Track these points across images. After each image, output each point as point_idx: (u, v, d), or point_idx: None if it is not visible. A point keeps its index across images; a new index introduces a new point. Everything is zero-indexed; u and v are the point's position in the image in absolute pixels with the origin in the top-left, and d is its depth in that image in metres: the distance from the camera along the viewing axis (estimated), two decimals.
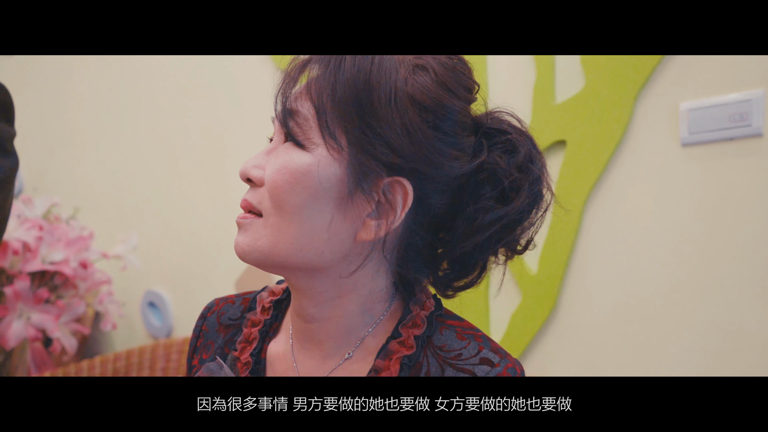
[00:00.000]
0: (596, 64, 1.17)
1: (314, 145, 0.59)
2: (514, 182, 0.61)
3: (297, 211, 0.59)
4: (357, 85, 0.58)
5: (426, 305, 0.65)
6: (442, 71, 0.60)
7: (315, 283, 0.63)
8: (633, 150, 1.16)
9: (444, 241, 0.65)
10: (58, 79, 2.67)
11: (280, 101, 0.62)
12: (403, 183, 0.59)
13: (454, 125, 0.60)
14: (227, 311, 0.75)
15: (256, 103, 1.91)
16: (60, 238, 1.77)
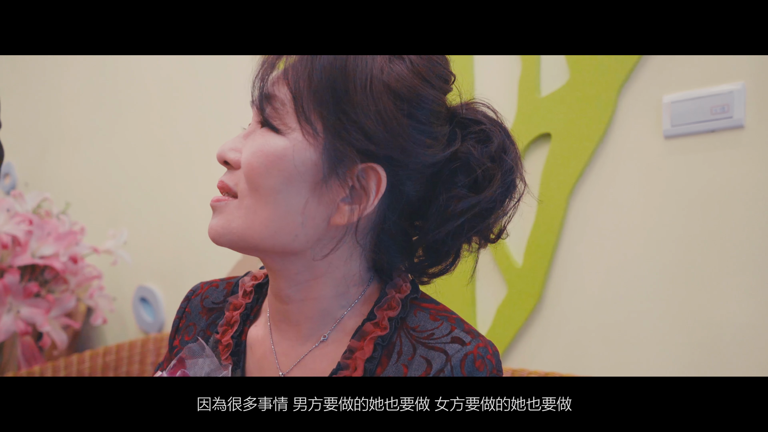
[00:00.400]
0: (580, 58, 1.18)
1: (290, 130, 0.59)
2: (487, 172, 0.62)
3: (272, 193, 0.59)
4: (333, 72, 0.58)
5: (402, 289, 0.66)
6: (418, 61, 0.61)
7: (289, 265, 0.63)
8: (617, 142, 1.16)
9: (418, 228, 0.66)
10: (51, 76, 2.68)
11: (257, 86, 0.62)
12: (377, 169, 0.60)
13: (428, 114, 0.61)
14: (211, 295, 0.76)
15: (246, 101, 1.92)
16: (50, 232, 1.77)
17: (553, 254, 1.23)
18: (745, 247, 1.04)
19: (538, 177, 1.23)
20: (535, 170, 1.23)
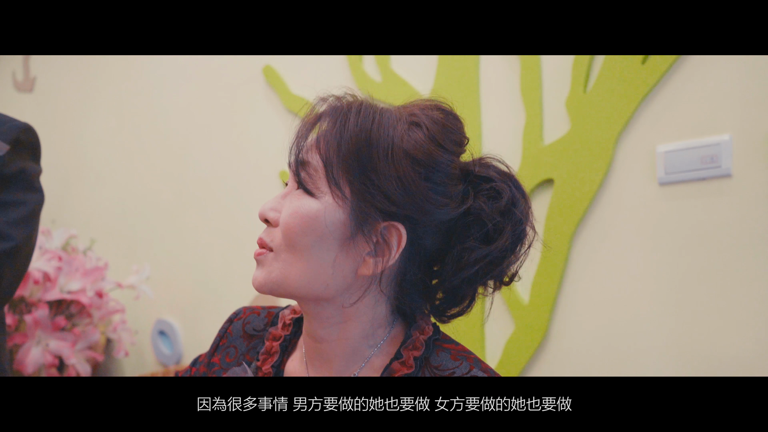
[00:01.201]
0: (580, 109, 1.28)
1: (322, 193, 0.67)
2: (497, 225, 0.68)
3: (306, 249, 0.67)
4: (359, 142, 0.66)
5: (425, 330, 0.73)
6: (434, 128, 0.68)
7: (322, 310, 0.71)
8: (615, 188, 1.25)
9: (437, 274, 0.73)
10: (76, 117, 2.80)
11: (293, 153, 0.70)
12: (398, 227, 0.67)
13: (443, 176, 0.68)
14: (252, 321, 0.82)
15: (261, 143, 2.02)
16: (78, 268, 1.86)
17: (558, 292, 1.31)
18: (734, 283, 1.12)
19: (543, 220, 1.31)
20: (539, 213, 1.31)
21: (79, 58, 3.05)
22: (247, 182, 2.06)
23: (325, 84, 1.83)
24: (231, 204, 2.12)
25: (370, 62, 1.71)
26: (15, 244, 1.08)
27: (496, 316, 1.39)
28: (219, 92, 2.20)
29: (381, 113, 0.68)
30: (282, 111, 1.96)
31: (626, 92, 1.22)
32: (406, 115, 0.69)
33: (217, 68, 2.21)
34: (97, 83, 2.89)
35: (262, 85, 2.03)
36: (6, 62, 3.76)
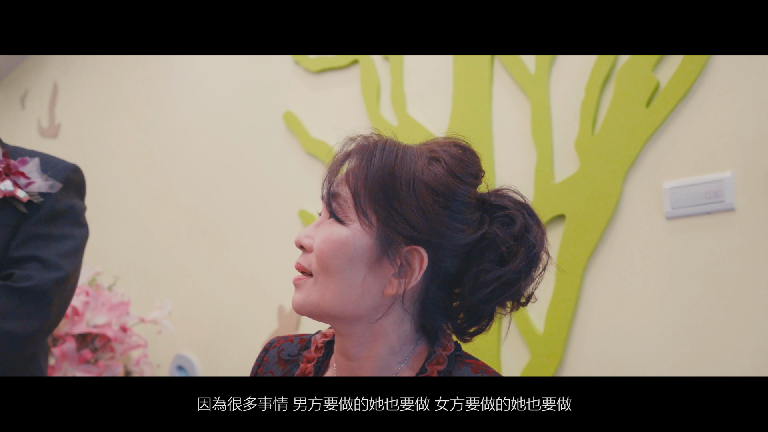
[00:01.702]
0: (589, 149, 1.36)
1: (351, 221, 0.75)
2: (511, 248, 0.75)
3: (338, 271, 0.74)
4: (383, 175, 0.74)
5: (447, 347, 0.79)
6: (452, 162, 0.76)
7: (354, 329, 0.77)
8: (624, 222, 1.33)
9: (458, 295, 0.80)
10: (99, 160, 2.91)
11: (326, 186, 0.78)
12: (420, 250, 0.74)
13: (461, 205, 0.75)
14: (286, 348, 0.89)
15: (281, 184, 2.11)
16: (104, 303, 1.93)
17: (572, 322, 1.36)
18: (739, 313, 1.18)
19: (555, 253, 1.38)
20: (551, 247, 1.38)
21: (101, 105, 3.18)
22: (267, 222, 2.15)
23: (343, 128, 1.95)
24: (250, 243, 2.20)
25: (386, 107, 1.81)
26: (65, 275, 1.15)
27: (511, 346, 1.44)
28: (240, 136, 2.30)
29: (403, 150, 0.77)
30: (301, 154, 2.05)
31: (632, 133, 1.31)
32: (427, 151, 0.77)
33: (239, 113, 2.32)
34: (119, 128, 3.01)
35: (282, 130, 2.13)
36: (32, 110, 3.91)
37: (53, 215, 1.19)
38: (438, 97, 1.68)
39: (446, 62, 1.67)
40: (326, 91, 2.01)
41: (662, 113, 1.27)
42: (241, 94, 2.33)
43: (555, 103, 1.45)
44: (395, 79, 1.77)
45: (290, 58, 2.13)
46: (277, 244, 2.09)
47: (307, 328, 1.93)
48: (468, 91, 1.60)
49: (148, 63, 2.86)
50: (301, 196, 2.03)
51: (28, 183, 1.18)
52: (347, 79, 1.94)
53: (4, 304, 1.09)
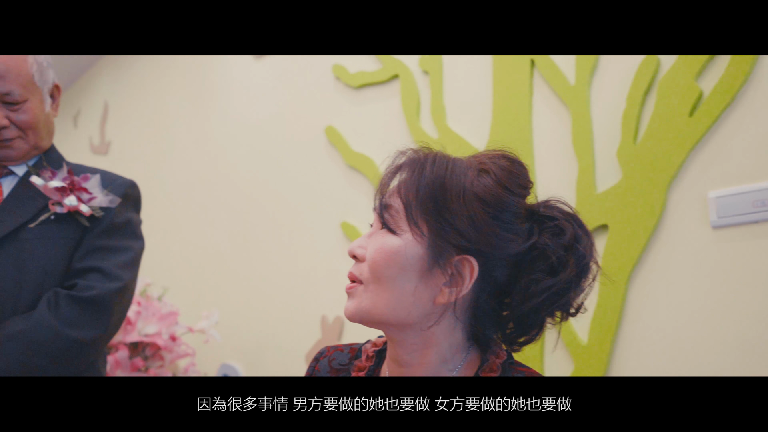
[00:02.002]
0: (631, 159, 1.36)
1: (403, 232, 0.77)
2: (561, 258, 0.76)
3: (390, 280, 0.76)
4: (435, 187, 0.76)
5: (500, 355, 0.81)
6: (501, 174, 0.78)
7: (406, 336, 0.79)
8: (669, 232, 1.32)
9: (508, 305, 0.81)
10: (147, 176, 3.02)
11: (378, 198, 0.81)
12: (470, 260, 0.76)
13: (510, 216, 0.77)
14: (337, 357, 0.91)
15: (323, 197, 2.16)
16: (154, 313, 2.00)
17: (616, 333, 1.36)
18: None
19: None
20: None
21: (149, 122, 3.31)
22: (310, 234, 2.19)
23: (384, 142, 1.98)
24: (294, 255, 2.25)
25: (426, 120, 1.84)
26: (123, 284, 1.21)
27: (555, 356, 1.44)
28: (283, 150, 2.37)
29: (454, 162, 0.79)
30: (343, 167, 2.10)
31: (675, 143, 1.31)
32: (476, 163, 0.79)
33: (282, 128, 2.39)
34: (167, 144, 3.12)
35: (324, 144, 2.18)
36: (84, 129, 4.08)
37: (112, 228, 1.26)
38: (478, 110, 1.70)
39: (485, 74, 1.70)
40: (367, 105, 2.05)
41: (706, 122, 1.27)
42: (283, 110, 2.39)
43: (596, 113, 1.46)
44: (435, 92, 1.80)
45: (331, 74, 2.18)
46: (320, 255, 2.13)
47: (351, 338, 1.97)
48: (507, 102, 1.62)
49: (193, 81, 2.96)
50: (343, 209, 2.08)
51: (90, 198, 1.25)
52: (387, 93, 1.98)
53: (69, 312, 1.16)
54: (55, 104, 1.32)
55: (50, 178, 1.24)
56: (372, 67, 2.04)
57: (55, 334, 1.13)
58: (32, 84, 1.22)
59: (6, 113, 1.20)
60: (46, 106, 1.28)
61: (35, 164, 1.29)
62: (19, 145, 1.24)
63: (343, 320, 2.00)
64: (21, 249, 1.20)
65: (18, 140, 1.24)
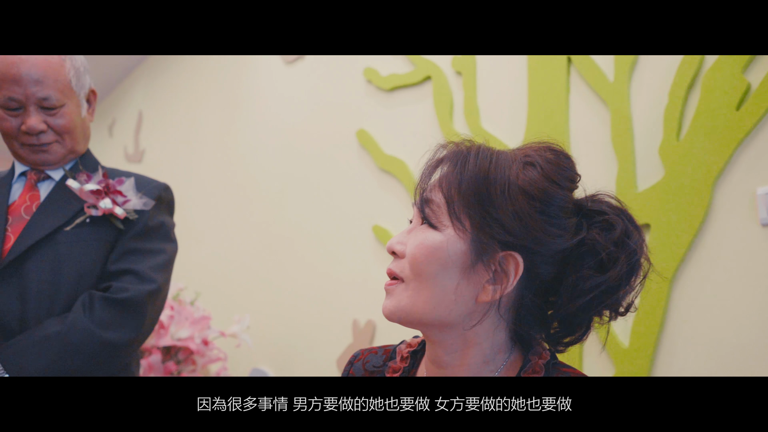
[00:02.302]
0: (674, 156, 1.31)
1: (444, 227, 0.74)
2: (611, 255, 0.72)
3: (431, 277, 0.73)
4: (478, 180, 0.73)
5: (543, 355, 0.77)
6: (547, 166, 0.74)
7: (446, 336, 0.76)
8: (715, 230, 1.27)
9: (552, 303, 0.78)
10: (180, 182, 3.05)
11: (419, 192, 0.78)
12: (515, 256, 0.72)
13: (557, 210, 0.73)
14: (371, 360, 0.88)
15: (355, 200, 2.14)
16: (187, 317, 2.01)
17: (659, 336, 1.31)
18: None
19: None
20: None
21: (182, 129, 3.35)
22: (342, 237, 2.18)
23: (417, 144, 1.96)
24: (325, 258, 2.24)
25: (459, 121, 1.82)
26: (157, 286, 1.21)
27: (595, 360, 1.40)
28: (315, 154, 2.36)
29: (497, 154, 0.75)
30: (375, 170, 2.08)
31: (721, 138, 1.26)
32: (521, 155, 0.76)
33: (313, 132, 2.39)
34: (199, 150, 3.15)
35: (355, 147, 2.17)
36: (119, 138, 4.15)
37: (147, 231, 1.26)
38: (512, 109, 1.67)
39: (520, 73, 1.66)
40: (399, 108, 2.04)
41: (755, 116, 1.21)
42: (315, 114, 2.39)
43: (636, 109, 1.41)
44: (468, 93, 1.78)
45: (362, 77, 2.17)
46: (352, 259, 2.11)
47: (383, 342, 1.94)
48: (543, 101, 1.58)
49: (225, 88, 2.99)
50: (374, 212, 2.06)
51: (124, 201, 1.25)
52: (420, 95, 1.96)
53: (104, 314, 1.16)
54: (91, 109, 1.33)
55: (86, 182, 1.25)
56: (404, 69, 2.02)
57: (89, 336, 1.14)
58: (69, 89, 1.24)
59: (44, 118, 1.21)
60: (83, 110, 1.29)
61: (71, 168, 1.30)
62: (56, 149, 1.25)
63: (375, 324, 1.98)
64: (57, 252, 1.21)
65: (55, 144, 1.25)
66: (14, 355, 1.10)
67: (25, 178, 1.29)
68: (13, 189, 1.28)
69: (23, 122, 1.21)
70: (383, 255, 1.98)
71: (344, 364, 2.07)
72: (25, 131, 1.21)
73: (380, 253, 2.00)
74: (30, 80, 1.18)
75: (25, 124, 1.20)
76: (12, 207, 1.25)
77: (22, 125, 1.21)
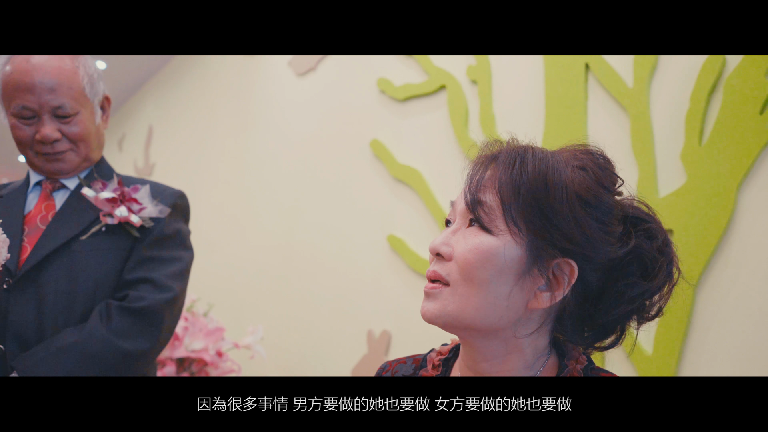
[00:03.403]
0: (696, 161, 1.29)
1: (500, 231, 0.71)
2: (656, 262, 0.72)
3: (484, 283, 0.71)
4: (537, 184, 0.70)
5: (580, 360, 0.75)
6: (597, 171, 0.73)
7: (489, 343, 0.74)
8: (740, 236, 1.24)
9: (592, 309, 0.75)
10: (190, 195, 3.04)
11: (469, 192, 0.74)
12: (571, 263, 0.70)
13: (609, 217, 0.72)
14: (400, 370, 0.86)
15: (369, 210, 2.13)
16: (201, 329, 1.98)
17: (684, 343, 1.28)
18: None
19: None
20: None
21: (192, 142, 3.35)
22: (355, 248, 2.16)
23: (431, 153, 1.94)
24: (339, 269, 2.22)
25: (475, 130, 1.80)
26: (174, 295, 1.20)
27: (618, 368, 1.37)
28: (328, 165, 2.35)
29: (553, 157, 0.73)
30: (389, 179, 2.07)
31: (745, 143, 1.24)
32: (571, 158, 0.74)
33: (326, 142, 2.38)
34: (210, 162, 3.16)
35: (369, 157, 2.16)
36: (128, 152, 4.17)
37: (162, 239, 1.25)
38: (529, 116, 1.66)
39: (537, 80, 1.65)
40: (413, 117, 2.03)
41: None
42: (327, 126, 2.39)
43: (656, 115, 1.39)
44: (484, 101, 1.76)
45: (376, 88, 2.17)
46: (366, 269, 2.10)
47: (398, 352, 1.92)
48: (561, 108, 1.56)
49: (236, 100, 3.00)
50: (389, 222, 2.04)
51: (140, 209, 1.24)
52: (434, 104, 1.95)
53: (121, 323, 1.15)
54: (105, 116, 1.33)
55: (101, 190, 1.24)
56: (418, 79, 2.01)
57: (107, 346, 1.12)
58: (83, 96, 1.23)
59: (58, 126, 1.21)
60: (97, 117, 1.29)
61: (86, 177, 1.30)
62: (70, 157, 1.25)
63: (390, 334, 1.96)
64: (73, 261, 1.19)
65: (69, 153, 1.24)
66: (31, 366, 1.09)
67: (40, 187, 1.28)
68: (28, 199, 1.27)
69: (37, 131, 1.20)
70: (398, 265, 1.96)
71: (359, 375, 2.05)
72: (40, 140, 1.20)
73: (395, 262, 1.98)
74: (44, 89, 1.18)
75: (40, 133, 1.20)
76: (28, 217, 1.24)
77: (37, 134, 1.20)
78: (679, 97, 1.35)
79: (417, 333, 1.88)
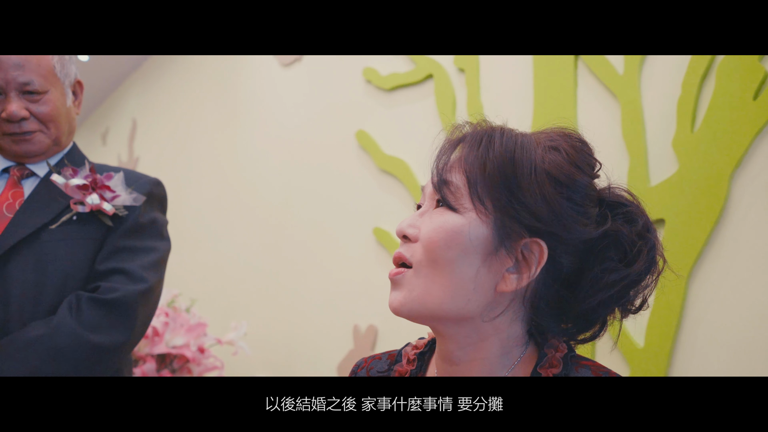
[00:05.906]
0: (688, 149, 1.26)
1: (465, 210, 0.69)
2: (635, 247, 0.69)
3: (449, 264, 0.68)
4: (504, 162, 0.68)
5: (559, 348, 0.72)
6: (572, 152, 0.70)
7: (460, 329, 0.71)
8: (733, 225, 1.21)
9: (571, 297, 0.72)
10: (175, 188, 2.99)
11: (435, 173, 0.73)
12: (540, 243, 0.68)
13: (582, 197, 0.69)
14: (375, 366, 0.83)
15: (355, 202, 2.09)
16: (182, 324, 1.93)
17: (676, 335, 1.25)
18: None
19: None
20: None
21: (177, 135, 3.29)
22: (341, 241, 2.12)
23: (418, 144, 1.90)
24: (324, 263, 2.17)
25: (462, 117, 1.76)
26: (149, 286, 1.15)
27: (608, 360, 1.33)
28: (313, 157, 2.31)
29: (522, 136, 0.71)
30: (375, 171, 2.03)
31: (738, 129, 1.20)
32: (544, 139, 0.72)
33: (312, 134, 2.34)
34: (195, 155, 3.10)
35: (355, 148, 2.12)
36: (112, 146, 4.10)
37: (137, 228, 1.20)
38: (517, 105, 1.62)
39: (525, 68, 1.61)
40: (399, 107, 1.99)
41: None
42: (312, 117, 2.34)
43: (647, 102, 1.36)
44: (471, 90, 1.73)
45: (362, 78, 2.12)
46: (352, 262, 2.05)
47: (385, 347, 1.87)
48: (550, 96, 1.53)
49: (220, 92, 2.94)
50: (375, 214, 2.00)
51: (113, 196, 1.19)
52: (421, 94, 1.91)
53: (92, 316, 1.10)
54: (78, 101, 1.27)
55: (72, 176, 1.18)
56: (404, 68, 1.97)
57: (76, 340, 1.07)
58: (53, 75, 1.18)
59: (26, 104, 1.15)
60: (68, 100, 1.23)
61: (57, 164, 1.24)
62: (39, 138, 1.19)
63: (377, 329, 1.92)
64: (42, 251, 1.14)
65: (38, 134, 1.19)
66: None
67: (8, 174, 1.23)
68: None
69: (4, 109, 1.14)
70: (385, 258, 1.92)
71: (345, 370, 2.01)
72: (6, 118, 1.14)
73: (381, 256, 1.94)
74: (10, 64, 1.12)
75: (6, 110, 1.14)
76: None
77: (3, 112, 1.14)
78: (671, 84, 1.32)
79: (403, 328, 1.84)
